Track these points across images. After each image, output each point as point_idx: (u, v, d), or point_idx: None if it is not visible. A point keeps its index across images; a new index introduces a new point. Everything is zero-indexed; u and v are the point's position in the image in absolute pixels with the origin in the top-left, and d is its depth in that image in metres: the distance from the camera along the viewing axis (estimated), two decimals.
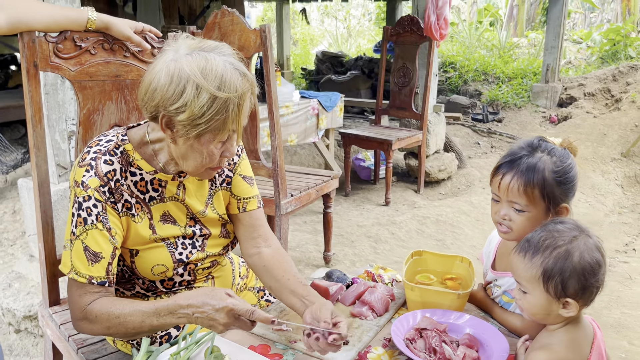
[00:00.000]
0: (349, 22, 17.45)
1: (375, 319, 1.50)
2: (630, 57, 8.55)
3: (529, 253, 1.20)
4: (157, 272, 1.42)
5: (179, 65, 1.22)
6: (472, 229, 4.22)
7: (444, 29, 4.45)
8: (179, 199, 1.45)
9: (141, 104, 1.31)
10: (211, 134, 1.27)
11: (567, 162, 1.39)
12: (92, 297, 1.30)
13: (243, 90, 1.25)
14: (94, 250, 1.29)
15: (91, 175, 1.29)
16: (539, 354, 1.18)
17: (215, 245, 1.53)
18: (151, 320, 1.26)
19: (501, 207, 1.44)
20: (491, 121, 7.40)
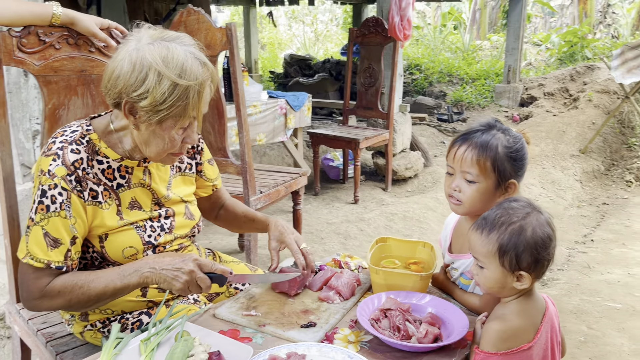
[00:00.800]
0: (316, 27, 17.56)
1: (342, 303, 1.54)
2: (587, 58, 8.87)
3: (486, 230, 1.27)
4: (127, 254, 1.44)
5: (141, 54, 1.27)
6: (439, 224, 4.32)
7: (408, 29, 4.56)
8: (145, 185, 1.49)
9: (104, 91, 1.35)
10: (172, 119, 1.32)
11: (520, 142, 1.48)
12: (50, 278, 1.33)
13: (203, 79, 1.31)
14: (54, 237, 1.31)
15: (58, 164, 1.31)
16: (493, 324, 1.25)
17: (181, 226, 1.57)
18: (115, 282, 1.33)
19: (454, 179, 1.52)
20: (456, 121, 7.57)
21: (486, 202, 1.49)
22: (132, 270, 1.35)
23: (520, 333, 1.24)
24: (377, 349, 1.33)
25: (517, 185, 1.48)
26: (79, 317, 1.52)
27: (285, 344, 1.31)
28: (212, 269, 1.38)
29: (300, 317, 1.46)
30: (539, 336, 1.25)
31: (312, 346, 1.29)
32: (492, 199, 1.49)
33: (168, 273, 1.34)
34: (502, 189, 1.48)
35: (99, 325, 1.51)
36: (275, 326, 1.40)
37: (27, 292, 1.34)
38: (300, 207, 3.36)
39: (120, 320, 1.51)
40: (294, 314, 1.48)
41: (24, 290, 1.35)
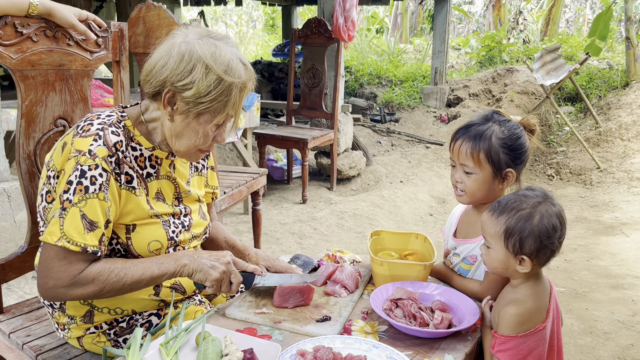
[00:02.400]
0: (240, 28, 17.40)
1: (349, 296, 1.56)
2: (505, 62, 9.46)
3: (497, 212, 1.34)
4: (152, 248, 1.41)
5: (190, 47, 1.30)
6: (387, 220, 4.44)
7: (352, 30, 4.65)
8: (171, 178, 1.49)
9: (145, 79, 1.35)
10: (210, 114, 1.34)
11: (515, 132, 1.56)
12: (84, 265, 1.28)
13: (246, 79, 1.35)
14: (90, 219, 1.27)
15: (100, 144, 1.29)
16: (510, 309, 1.31)
17: (197, 225, 1.56)
18: (152, 270, 1.33)
19: (456, 171, 1.60)
20: (389, 121, 7.80)
21: (487, 191, 1.57)
22: (171, 259, 1.37)
23: (534, 315, 1.31)
24: (396, 337, 1.36)
25: (515, 174, 1.57)
26: (80, 319, 1.43)
27: (305, 339, 1.31)
28: (244, 267, 1.44)
29: (312, 312, 1.46)
30: (550, 315, 1.34)
31: (336, 339, 1.30)
32: (492, 188, 1.57)
33: (207, 262, 1.36)
34: (499, 178, 1.56)
35: (105, 327, 1.43)
36: (291, 322, 1.39)
37: (56, 279, 1.26)
38: (259, 207, 3.33)
39: (129, 321, 1.44)
40: (305, 309, 1.47)
41: (50, 277, 1.27)
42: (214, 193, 1.72)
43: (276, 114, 7.88)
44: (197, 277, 1.36)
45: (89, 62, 1.72)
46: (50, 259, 1.27)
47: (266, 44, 14.69)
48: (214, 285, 1.36)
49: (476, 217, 1.65)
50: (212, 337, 1.22)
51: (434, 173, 5.73)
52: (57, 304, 1.45)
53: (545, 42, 10.84)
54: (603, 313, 3.06)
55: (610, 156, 5.99)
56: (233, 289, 1.40)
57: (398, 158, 6.24)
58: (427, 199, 5.02)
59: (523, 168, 1.62)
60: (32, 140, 1.62)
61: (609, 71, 7.77)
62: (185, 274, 1.36)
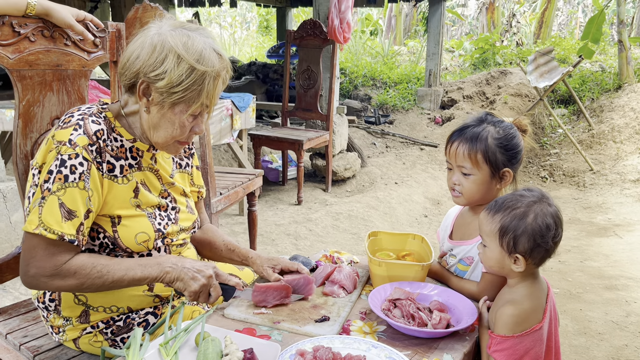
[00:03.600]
0: (234, 30, 17.38)
1: (347, 296, 1.56)
2: (498, 64, 9.51)
3: (493, 211, 1.35)
4: (140, 240, 1.41)
5: (162, 38, 1.30)
6: (382, 221, 4.44)
7: (347, 32, 4.66)
8: (153, 169, 1.49)
9: (121, 71, 1.36)
10: (185, 104, 1.34)
11: (510, 132, 1.58)
12: (67, 256, 1.29)
13: (219, 68, 1.35)
14: (69, 208, 1.27)
15: (80, 133, 1.29)
16: (507, 309, 1.32)
17: (185, 219, 1.57)
18: (135, 271, 1.33)
19: (453, 174, 1.60)
20: (383, 123, 7.81)
21: (484, 192, 1.58)
22: (155, 263, 1.36)
23: (531, 315, 1.32)
24: (394, 337, 1.37)
25: (512, 174, 1.58)
26: (76, 319, 1.43)
27: (304, 339, 1.31)
28: (227, 280, 1.42)
29: (311, 313, 1.46)
30: (546, 316, 1.35)
31: (335, 339, 1.31)
32: (489, 189, 1.58)
33: (188, 272, 1.36)
34: (497, 178, 1.57)
35: (101, 326, 1.43)
36: (290, 322, 1.40)
37: (38, 267, 1.26)
38: (255, 208, 3.33)
39: (126, 320, 1.44)
40: (304, 309, 1.48)
41: (32, 265, 1.27)
42: (199, 192, 1.72)
43: (271, 115, 7.88)
44: (177, 285, 1.36)
45: (86, 62, 1.72)
46: (33, 248, 1.27)
47: (260, 46, 14.69)
48: (191, 295, 1.36)
49: (472, 219, 1.66)
50: (212, 337, 1.22)
51: (428, 175, 5.75)
52: (52, 306, 1.45)
53: (539, 44, 10.90)
54: (597, 314, 3.08)
55: (603, 158, 6.04)
56: (210, 301, 1.40)
57: (393, 160, 6.25)
58: (421, 201, 5.03)
59: (519, 167, 1.64)
60: (30, 140, 1.62)
61: (602, 74, 7.82)
62: (166, 280, 1.36)
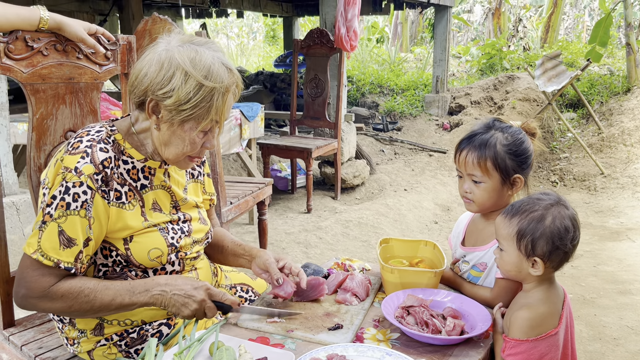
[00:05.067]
0: (241, 40, 17.50)
1: (360, 304, 1.56)
2: (506, 69, 9.49)
3: (510, 214, 1.35)
4: (153, 256, 1.41)
5: (170, 54, 1.29)
6: (392, 228, 4.43)
7: (354, 40, 4.68)
8: (165, 187, 1.48)
9: (130, 89, 1.36)
10: (195, 121, 1.33)
11: (518, 137, 1.57)
12: (55, 279, 1.29)
13: (228, 83, 1.34)
14: (69, 235, 1.27)
15: (86, 162, 1.29)
16: (522, 312, 1.31)
17: (198, 231, 1.56)
18: (123, 297, 1.32)
19: (464, 182, 1.60)
20: (391, 130, 7.81)
21: (496, 199, 1.58)
22: (143, 289, 1.35)
23: (546, 319, 1.31)
24: (408, 345, 1.36)
25: (523, 179, 1.57)
26: (90, 332, 1.43)
27: (318, 347, 1.31)
28: (222, 299, 1.40)
29: (324, 321, 1.46)
30: (562, 321, 1.34)
31: (349, 347, 1.30)
32: (501, 195, 1.58)
33: (179, 299, 1.35)
34: (508, 185, 1.57)
35: (115, 338, 1.43)
36: (303, 331, 1.39)
37: (27, 289, 1.28)
38: (265, 217, 3.34)
39: (140, 332, 1.44)
40: (317, 317, 1.47)
41: (22, 286, 1.28)
42: (211, 200, 1.72)
43: (279, 124, 7.91)
44: (169, 310, 1.36)
45: (98, 74, 1.74)
46: (25, 268, 1.28)
47: (268, 55, 14.77)
48: (186, 318, 1.37)
49: (484, 225, 1.65)
50: (226, 347, 1.23)
51: (437, 181, 5.73)
52: (66, 318, 1.45)
53: (546, 49, 10.88)
54: (612, 319, 3.04)
55: (614, 162, 5.99)
56: (208, 318, 1.40)
57: (401, 166, 6.24)
58: (431, 207, 5.02)
59: (530, 172, 1.63)
60: (43, 153, 1.64)
61: (610, 77, 7.79)
62: (157, 305, 1.36)
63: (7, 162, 2.91)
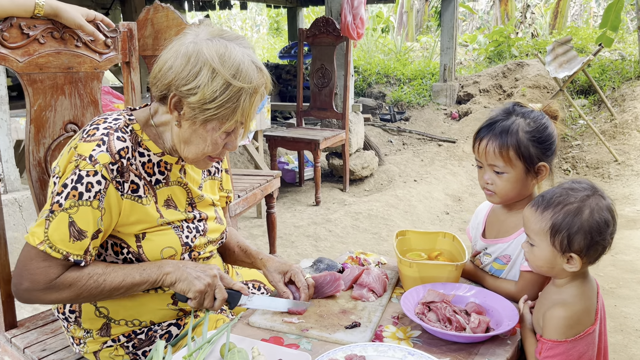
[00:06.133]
0: (245, 32, 17.39)
1: (377, 300, 1.48)
2: (514, 56, 9.34)
3: (541, 207, 1.25)
4: (166, 255, 1.34)
5: (197, 48, 1.21)
6: (403, 220, 4.35)
7: (361, 28, 4.57)
8: (182, 183, 1.41)
9: (152, 81, 1.28)
10: (218, 121, 1.26)
11: (541, 122, 1.47)
12: (62, 270, 1.22)
13: (257, 84, 1.26)
14: (80, 227, 1.20)
15: (102, 150, 1.22)
16: (556, 311, 1.22)
17: (213, 230, 1.49)
18: (133, 275, 1.26)
19: (484, 172, 1.51)
20: (399, 120, 7.71)
21: (520, 189, 1.49)
22: (154, 266, 1.29)
23: (583, 317, 1.22)
24: (430, 343, 1.28)
25: (548, 167, 1.48)
26: (96, 332, 1.36)
27: (335, 347, 1.23)
28: (231, 284, 1.35)
29: (340, 318, 1.38)
30: (598, 317, 1.25)
31: (368, 346, 1.23)
32: (525, 185, 1.49)
33: (192, 272, 1.29)
34: (532, 174, 1.48)
35: (122, 339, 1.37)
36: (319, 330, 1.32)
37: (32, 281, 1.20)
38: (274, 210, 3.26)
39: (148, 332, 1.37)
40: (332, 315, 1.40)
41: (25, 279, 1.20)
42: (228, 197, 1.65)
43: (284, 116, 7.82)
44: (180, 286, 1.28)
45: (98, 63, 1.66)
46: (29, 260, 1.20)
47: (272, 47, 14.65)
48: (196, 296, 1.28)
49: (506, 216, 1.56)
50: (238, 349, 1.15)
51: (447, 171, 5.63)
52: (72, 317, 1.39)
53: (554, 35, 10.70)
54: (633, 309, 2.95)
55: (628, 148, 5.87)
56: (216, 305, 1.32)
57: (410, 157, 6.15)
58: (442, 198, 4.92)
59: (554, 159, 1.54)
60: (42, 147, 1.56)
61: (622, 62, 7.63)
62: (167, 282, 1.29)
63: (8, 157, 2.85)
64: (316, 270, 1.64)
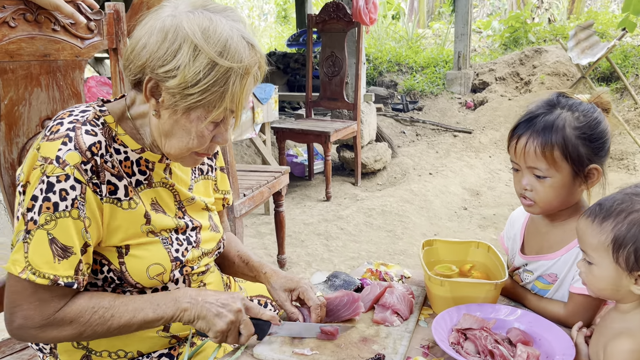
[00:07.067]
0: (252, 21, 17.14)
1: (402, 324, 1.27)
2: (531, 42, 9.01)
3: (599, 217, 1.03)
4: (153, 273, 1.14)
5: (176, 22, 1.01)
6: (419, 216, 4.13)
7: (373, 12, 4.33)
8: (167, 184, 1.20)
9: (125, 64, 1.08)
10: (204, 109, 1.05)
11: (593, 116, 1.24)
12: (62, 302, 1.03)
13: (249, 63, 1.05)
14: (63, 244, 1.00)
15: (69, 148, 1.01)
16: (621, 343, 1.01)
17: (208, 240, 1.29)
18: (146, 312, 1.07)
19: (522, 177, 1.28)
20: (411, 110, 7.46)
21: (565, 197, 1.26)
22: (169, 299, 1.09)
23: None
24: None
25: (600, 170, 1.25)
26: None
27: None
28: (259, 314, 1.15)
29: (361, 349, 1.17)
30: None
31: None
32: (572, 192, 1.26)
33: (212, 308, 1.08)
34: (581, 178, 1.25)
35: None
36: None
37: (25, 318, 1.01)
38: (282, 209, 3.06)
39: None
40: (351, 344, 1.19)
41: (18, 315, 1.01)
42: (224, 199, 1.44)
43: (293, 106, 7.59)
44: (199, 325, 1.09)
45: (79, 50, 1.45)
46: (16, 293, 1.01)
47: (279, 35, 14.39)
48: (217, 336, 1.09)
49: (549, 228, 1.34)
50: None
51: (464, 163, 5.39)
52: (46, 347, 1.19)
53: (572, 20, 10.34)
54: None
55: None
56: (242, 341, 1.12)
57: (424, 148, 5.91)
58: (459, 192, 4.69)
59: (606, 160, 1.30)
60: (16, 147, 1.36)
61: None
62: (185, 320, 1.09)
63: None
64: (331, 286, 1.43)
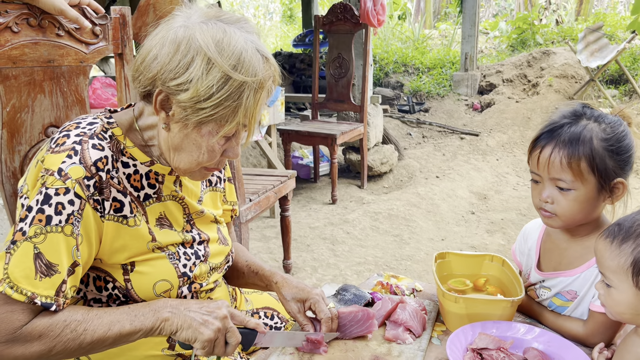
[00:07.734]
0: (257, 20, 17.12)
1: (415, 342, 1.23)
2: (539, 44, 8.95)
3: (618, 239, 0.99)
4: (160, 290, 1.11)
5: (189, 33, 0.98)
6: (426, 221, 4.08)
7: (382, 14, 4.29)
8: (177, 197, 1.17)
9: (134, 75, 1.05)
10: (216, 124, 1.02)
11: (620, 129, 1.21)
12: (28, 316, 0.97)
13: (263, 77, 1.02)
14: (48, 260, 0.96)
15: (74, 162, 0.98)
16: None
17: (216, 254, 1.25)
18: (122, 323, 1.01)
19: (543, 189, 1.23)
20: (418, 111, 7.40)
21: (588, 211, 1.21)
22: (148, 310, 1.04)
23: None
24: None
25: (626, 184, 1.21)
26: None
27: None
28: (244, 322, 1.10)
29: None
30: None
31: None
32: (595, 206, 1.21)
33: (196, 316, 1.03)
34: (606, 192, 1.20)
35: None
36: None
37: None
38: (288, 213, 3.02)
39: None
40: None
41: None
42: (233, 210, 1.40)
43: (299, 107, 7.55)
44: (184, 335, 1.03)
45: (84, 56, 1.41)
46: None
47: (285, 35, 14.35)
48: (205, 346, 1.03)
49: (568, 244, 1.29)
50: None
51: (471, 166, 5.34)
52: None
53: (580, 21, 10.26)
54: None
55: None
56: (228, 351, 1.07)
57: (431, 151, 5.86)
58: (467, 196, 4.64)
59: (630, 174, 1.26)
60: (18, 155, 1.32)
61: None
62: (167, 330, 1.03)
63: None
64: (340, 300, 1.39)
